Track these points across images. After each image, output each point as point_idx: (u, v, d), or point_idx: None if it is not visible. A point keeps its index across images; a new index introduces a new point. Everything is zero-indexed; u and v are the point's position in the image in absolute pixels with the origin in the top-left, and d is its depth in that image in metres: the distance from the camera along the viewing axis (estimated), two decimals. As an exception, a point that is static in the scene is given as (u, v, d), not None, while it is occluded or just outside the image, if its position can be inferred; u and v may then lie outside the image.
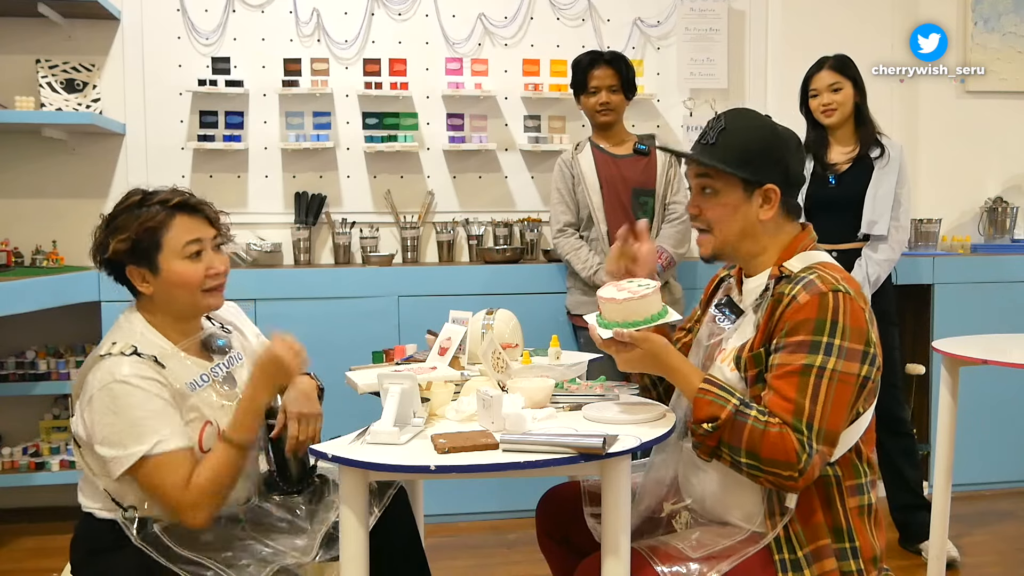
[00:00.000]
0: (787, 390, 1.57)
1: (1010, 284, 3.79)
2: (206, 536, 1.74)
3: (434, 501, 3.07)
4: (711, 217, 1.75)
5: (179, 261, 1.79)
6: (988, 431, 3.77)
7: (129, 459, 1.67)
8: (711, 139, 1.73)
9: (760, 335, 1.66)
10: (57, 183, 3.67)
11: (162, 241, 1.78)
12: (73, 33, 3.64)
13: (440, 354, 2.32)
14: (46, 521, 3.49)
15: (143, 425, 1.68)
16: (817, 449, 1.56)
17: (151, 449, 1.67)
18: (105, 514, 1.77)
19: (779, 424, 1.55)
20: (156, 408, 1.70)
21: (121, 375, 1.69)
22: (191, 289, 1.80)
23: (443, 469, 1.55)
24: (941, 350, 2.62)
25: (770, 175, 1.72)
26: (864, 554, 1.66)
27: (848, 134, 3.22)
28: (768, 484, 1.60)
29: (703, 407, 1.62)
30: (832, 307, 1.59)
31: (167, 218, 1.79)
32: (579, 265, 3.30)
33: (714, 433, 1.60)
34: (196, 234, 1.81)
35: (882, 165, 3.14)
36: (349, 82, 3.82)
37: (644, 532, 1.77)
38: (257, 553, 1.75)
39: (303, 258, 3.76)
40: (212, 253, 1.83)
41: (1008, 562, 3.19)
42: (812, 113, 3.24)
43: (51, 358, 3.52)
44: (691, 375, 1.68)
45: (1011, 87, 4.22)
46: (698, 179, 1.76)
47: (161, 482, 1.69)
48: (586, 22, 3.99)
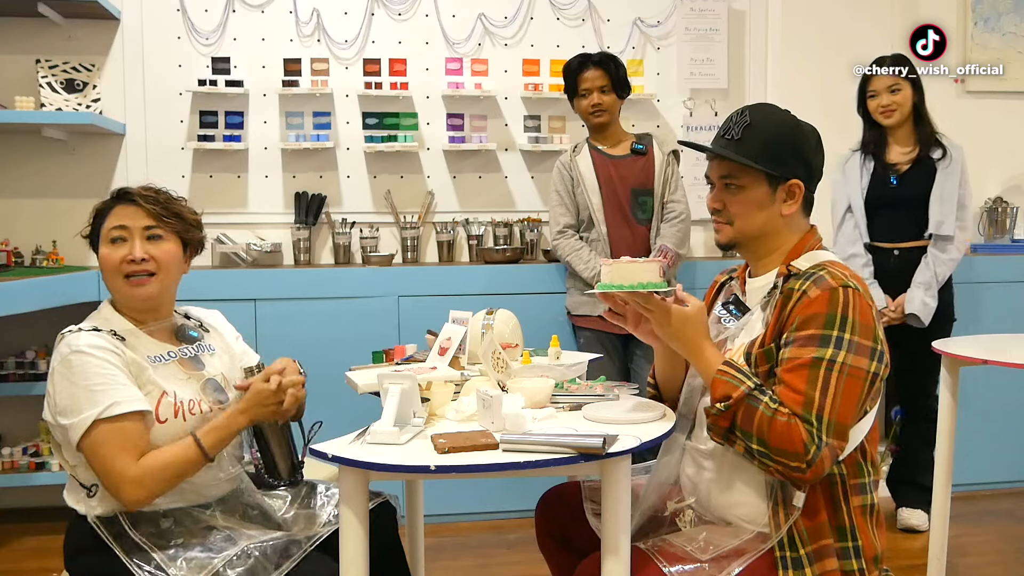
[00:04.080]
0: (797, 382, 1.58)
1: (1010, 284, 3.79)
2: (165, 522, 1.75)
3: (434, 501, 3.07)
4: (735, 212, 1.75)
5: (104, 246, 1.85)
6: (988, 431, 3.77)
7: (84, 423, 1.69)
8: (736, 134, 1.73)
9: (771, 331, 1.67)
10: (57, 183, 3.67)
11: (101, 227, 1.86)
12: (73, 33, 3.64)
13: (440, 354, 2.32)
14: (46, 521, 3.48)
15: (97, 391, 1.71)
16: (827, 442, 1.56)
17: (103, 411, 1.69)
18: (84, 511, 1.77)
19: (788, 415, 1.56)
20: (110, 374, 1.73)
21: (76, 346, 1.74)
22: (111, 274, 1.84)
23: (443, 469, 1.55)
24: (941, 350, 2.62)
25: (794, 170, 1.73)
26: (866, 553, 1.66)
27: (907, 134, 3.29)
28: (778, 475, 1.60)
29: (719, 386, 1.62)
30: (843, 302, 1.60)
31: (108, 207, 1.87)
32: (580, 266, 3.30)
33: (727, 412, 1.60)
34: (123, 221, 1.84)
35: (945, 166, 3.25)
36: (349, 82, 3.82)
37: (648, 531, 1.77)
38: (214, 541, 1.74)
39: (303, 258, 3.76)
40: (140, 242, 1.83)
41: (1008, 562, 3.19)
42: (870, 114, 3.28)
43: (51, 358, 3.52)
44: (714, 357, 1.68)
45: (1011, 87, 4.22)
46: (723, 175, 1.76)
47: (110, 450, 1.69)
48: (586, 22, 3.99)
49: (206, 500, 1.84)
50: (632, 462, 1.66)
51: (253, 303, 3.38)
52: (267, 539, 1.76)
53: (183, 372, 1.86)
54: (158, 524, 1.75)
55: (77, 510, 1.79)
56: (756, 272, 1.81)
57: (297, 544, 1.76)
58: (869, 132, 3.34)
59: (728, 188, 1.76)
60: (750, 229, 1.75)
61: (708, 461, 1.76)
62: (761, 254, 1.78)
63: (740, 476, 1.69)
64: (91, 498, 1.76)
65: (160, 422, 1.77)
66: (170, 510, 1.78)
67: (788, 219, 1.75)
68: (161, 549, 1.70)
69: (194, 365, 1.89)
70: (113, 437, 1.69)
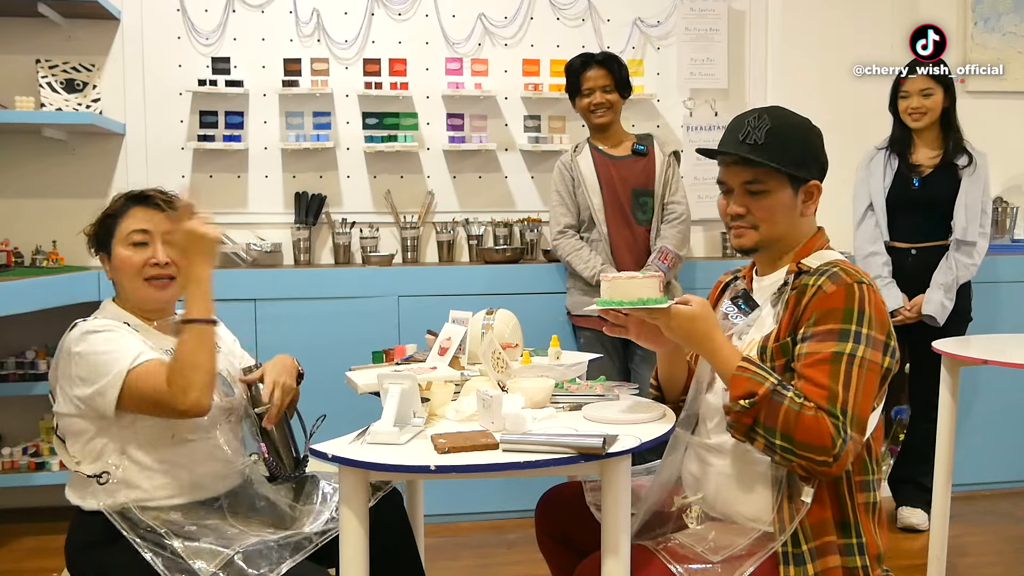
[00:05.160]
0: (819, 377, 1.57)
1: (1010, 284, 3.79)
2: (174, 515, 1.76)
3: (434, 501, 3.07)
4: (761, 217, 1.74)
5: (123, 248, 1.86)
6: (988, 431, 3.78)
7: (118, 378, 1.71)
8: (760, 138, 1.72)
9: (785, 324, 1.67)
10: (57, 183, 3.67)
11: (116, 228, 1.87)
12: (73, 33, 3.64)
13: (440, 354, 2.32)
14: (46, 521, 3.48)
15: (117, 350, 1.74)
16: (851, 435, 1.56)
17: (133, 362, 1.72)
18: (92, 504, 1.78)
19: (814, 408, 1.55)
20: (126, 339, 1.77)
21: (90, 327, 1.77)
22: (131, 275, 1.86)
23: (443, 469, 1.55)
24: (941, 350, 2.62)
25: (812, 171, 1.75)
26: (869, 551, 1.66)
27: (934, 138, 3.32)
28: (800, 470, 1.59)
29: (741, 383, 1.60)
30: (859, 297, 1.60)
31: (124, 207, 1.89)
32: (581, 266, 3.30)
33: (751, 410, 1.58)
34: (145, 225, 1.87)
35: (970, 174, 3.28)
36: (349, 82, 3.82)
37: (652, 527, 1.76)
38: (224, 533, 1.75)
39: (303, 258, 3.76)
40: (162, 246, 1.87)
41: (1008, 562, 3.19)
42: (900, 114, 3.29)
43: (51, 358, 3.50)
44: (732, 354, 1.66)
45: (1011, 87, 4.22)
46: (747, 180, 1.74)
47: (149, 387, 1.71)
48: (586, 22, 3.99)
49: (215, 494, 1.85)
50: (632, 463, 1.66)
51: (253, 303, 3.38)
52: (280, 536, 1.77)
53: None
54: (169, 516, 1.76)
55: (82, 506, 1.79)
56: (764, 272, 1.81)
57: (309, 540, 1.78)
58: (898, 131, 3.35)
59: (751, 193, 1.74)
60: (775, 233, 1.75)
61: (714, 456, 1.75)
62: (777, 256, 1.78)
63: (747, 472, 1.68)
64: (102, 486, 1.77)
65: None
66: (180, 504, 1.79)
67: (807, 219, 1.77)
68: (176, 536, 1.72)
69: None
70: (152, 372, 1.72)
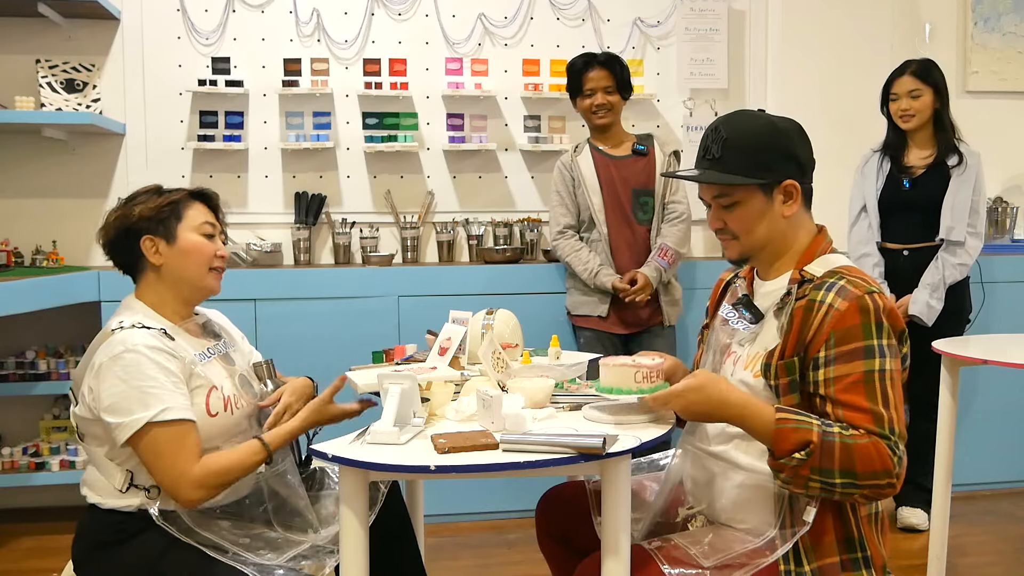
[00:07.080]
0: (858, 400, 1.54)
1: (1010, 284, 3.79)
2: (222, 521, 1.79)
3: (434, 501, 3.07)
4: (737, 228, 1.71)
5: (195, 234, 1.91)
6: (988, 431, 3.78)
7: (135, 424, 1.71)
8: (716, 152, 1.69)
9: (792, 342, 1.61)
10: (57, 183, 3.67)
11: (183, 214, 1.91)
12: (73, 33, 3.64)
13: (440, 354, 2.32)
14: (46, 521, 3.49)
15: (150, 393, 1.72)
16: (903, 450, 1.54)
17: (156, 415, 1.71)
18: (113, 503, 1.78)
19: (865, 435, 1.52)
20: (164, 379, 1.75)
21: (132, 344, 1.75)
22: (200, 262, 1.90)
23: (443, 469, 1.55)
24: (941, 350, 2.62)
25: (785, 171, 1.69)
26: (875, 563, 1.64)
27: (927, 139, 3.33)
28: (862, 500, 1.57)
29: (788, 436, 1.53)
30: (873, 308, 1.57)
31: (189, 199, 1.95)
32: (580, 267, 3.30)
33: (808, 460, 1.51)
34: (211, 219, 1.96)
35: (959, 173, 3.27)
36: (349, 82, 3.82)
37: (657, 535, 1.74)
38: (272, 541, 1.80)
39: (303, 258, 3.76)
40: (220, 242, 1.97)
41: (1008, 562, 3.19)
42: (891, 116, 3.32)
43: (51, 358, 3.52)
44: (761, 408, 1.59)
45: (1011, 87, 4.22)
46: (715, 195, 1.72)
47: (164, 451, 1.72)
48: (586, 22, 3.99)
49: (239, 496, 1.88)
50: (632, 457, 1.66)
51: (253, 303, 3.38)
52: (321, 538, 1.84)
53: (224, 368, 1.94)
54: (216, 520, 1.80)
55: (99, 504, 1.80)
56: (766, 276, 1.77)
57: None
58: (891, 134, 3.37)
59: (724, 208, 1.71)
60: (756, 240, 1.72)
61: (715, 465, 1.74)
62: (772, 260, 1.74)
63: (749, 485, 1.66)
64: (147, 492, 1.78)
65: (211, 416, 1.82)
66: (225, 506, 1.84)
67: (791, 219, 1.71)
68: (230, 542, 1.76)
69: (228, 363, 1.98)
70: (171, 439, 1.72)
